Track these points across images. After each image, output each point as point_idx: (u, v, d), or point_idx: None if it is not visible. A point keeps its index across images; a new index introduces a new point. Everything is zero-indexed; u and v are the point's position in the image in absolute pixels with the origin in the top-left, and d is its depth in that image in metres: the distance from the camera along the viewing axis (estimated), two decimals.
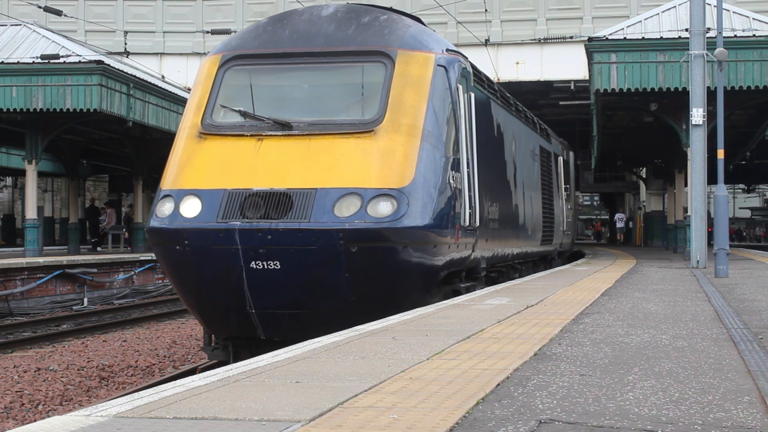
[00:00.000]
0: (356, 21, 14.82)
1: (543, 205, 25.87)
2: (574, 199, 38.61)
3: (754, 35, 27.40)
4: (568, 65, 41.50)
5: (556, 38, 43.43)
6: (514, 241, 21.08)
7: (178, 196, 13.46)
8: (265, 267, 13.02)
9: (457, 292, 15.61)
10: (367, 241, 12.84)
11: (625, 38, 28.67)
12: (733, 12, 29.15)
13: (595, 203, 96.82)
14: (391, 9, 16.03)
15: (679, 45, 26.41)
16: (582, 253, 38.34)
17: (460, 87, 15.24)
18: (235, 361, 11.83)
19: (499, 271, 20.37)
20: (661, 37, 28.06)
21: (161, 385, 6.77)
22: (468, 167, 15.28)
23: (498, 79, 34.61)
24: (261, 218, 12.97)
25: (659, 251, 40.25)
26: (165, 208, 13.49)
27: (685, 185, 31.14)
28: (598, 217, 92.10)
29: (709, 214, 25.11)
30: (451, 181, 14.32)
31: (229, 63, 14.71)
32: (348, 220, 12.75)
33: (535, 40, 43.65)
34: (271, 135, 13.76)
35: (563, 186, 31.33)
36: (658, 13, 31.35)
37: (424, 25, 16.24)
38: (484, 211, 16.66)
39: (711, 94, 23.85)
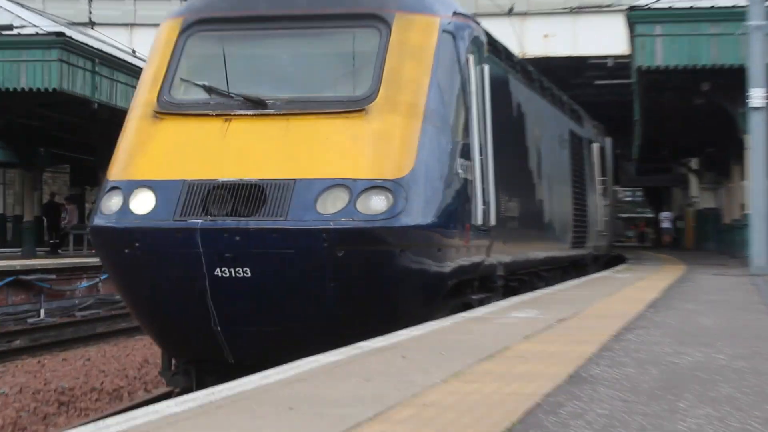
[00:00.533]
0: None
1: (574, 200, 25.50)
2: (613, 193, 38.47)
3: None
4: (605, 39, 41.66)
5: (591, 7, 43.55)
6: (538, 243, 20.68)
7: (128, 188, 12.86)
8: (233, 275, 12.37)
9: (467, 306, 14.92)
10: (357, 244, 12.28)
11: (671, 7, 28.68)
12: None
13: (638, 199, 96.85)
14: None
15: (735, 15, 26.41)
16: (623, 258, 38.34)
17: (471, 58, 14.71)
18: (199, 388, 11.03)
19: (521, 280, 19.59)
20: (714, 7, 28.04)
21: (131, 412, 6.74)
22: (481, 154, 14.75)
23: (523, 55, 34.60)
24: (228, 215, 12.39)
25: (713, 255, 40.28)
26: (112, 202, 12.87)
27: (743, 178, 31.13)
28: (642, 215, 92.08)
29: None
30: (460, 170, 13.85)
31: (191, 28, 14.15)
32: (333, 218, 12.17)
33: (567, 9, 43.76)
34: (241, 115, 13.21)
35: (599, 178, 30.81)
36: None
37: None
38: (501, 207, 16.13)
39: None
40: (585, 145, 28.55)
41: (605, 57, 41.95)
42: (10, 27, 31.24)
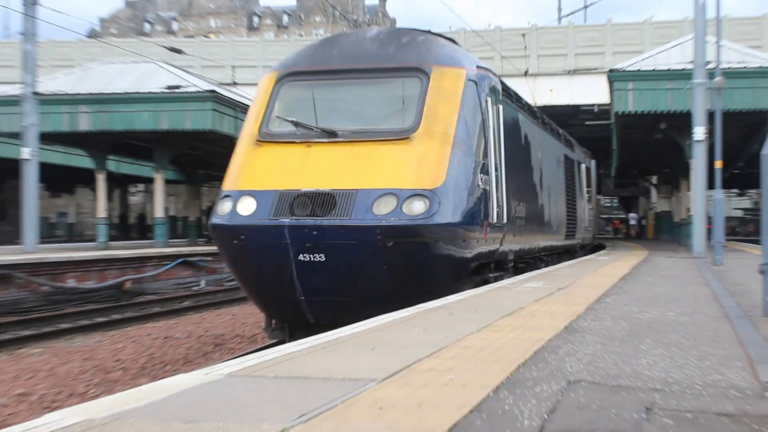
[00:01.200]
0: (397, 41, 13.82)
1: (567, 204, 24.64)
2: (596, 200, 37.80)
3: (745, 67, 27.16)
4: (592, 92, 41.37)
5: (583, 70, 43.38)
6: (539, 236, 19.72)
7: (236, 196, 12.54)
8: (312, 259, 12.00)
9: (486, 282, 14.49)
10: (402, 237, 11.75)
11: (639, 70, 28.50)
12: (729, 48, 28.80)
13: (614, 204, 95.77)
14: (428, 31, 14.77)
15: (684, 75, 26.15)
16: (603, 246, 37.96)
17: (489, 100, 14.14)
18: (291, 340, 10.80)
19: (527, 263, 18.98)
20: (669, 69, 27.85)
21: (264, 351, 6.85)
22: (496, 171, 14.21)
23: (535, 104, 34.33)
24: (308, 216, 11.92)
25: (667, 244, 39.79)
26: (225, 206, 12.56)
27: (689, 190, 30.85)
28: (617, 216, 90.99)
29: (708, 213, 24.83)
30: (480, 183, 13.24)
31: (284, 79, 13.73)
32: (385, 218, 11.69)
33: (565, 71, 43.63)
34: (318, 142, 12.68)
35: (585, 189, 30.17)
36: (667, 49, 31.29)
37: (457, 45, 15.02)
38: (511, 209, 15.45)
39: (711, 116, 23.66)
40: (576, 165, 27.72)
41: (593, 105, 41.56)
42: (178, 87, 31.45)
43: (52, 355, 15.88)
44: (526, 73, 39.52)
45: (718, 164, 22.64)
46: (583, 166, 29.82)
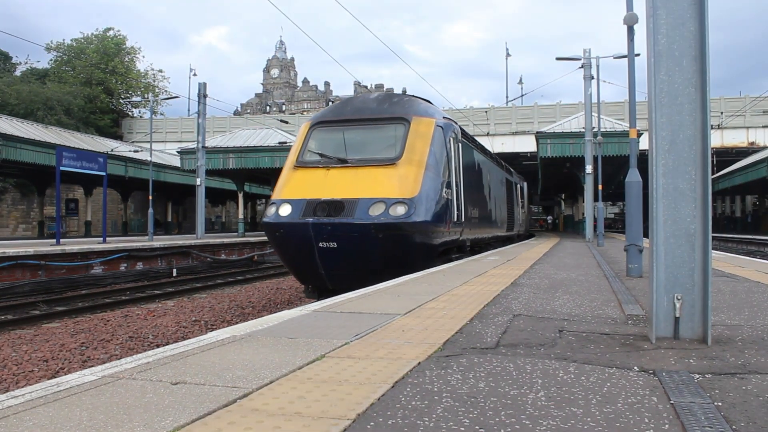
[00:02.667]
0: (389, 101, 12.72)
1: (507, 209, 23.42)
2: (528, 207, 37.30)
3: (614, 130, 27.09)
4: (527, 144, 41.29)
5: (521, 132, 43.19)
6: (489, 229, 18.16)
7: (279, 203, 11.35)
8: (328, 246, 10.88)
9: (450, 260, 13.16)
10: (389, 230, 10.66)
11: (554, 131, 28.28)
12: (604, 119, 28.84)
13: (540, 210, 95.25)
14: (411, 95, 13.31)
15: (579, 135, 25.98)
16: (533, 235, 37.68)
17: (451, 139, 12.96)
18: (320, 299, 9.35)
19: (482, 247, 17.66)
20: (571, 131, 27.66)
21: (334, 297, 6.78)
22: (456, 186, 13.00)
23: (493, 151, 34.10)
24: (326, 216, 10.81)
25: (570, 234, 39.35)
26: (271, 210, 11.37)
27: (583, 202, 30.55)
28: (541, 217, 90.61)
29: (594, 215, 24.63)
30: (444, 194, 12.06)
31: (314, 126, 12.52)
32: (377, 218, 10.62)
33: (511, 132, 43.49)
34: (335, 166, 11.51)
35: (520, 200, 29.63)
36: (569, 120, 31.18)
37: (431, 104, 13.69)
38: (468, 212, 14.22)
39: (596, 159, 23.50)
40: (514, 185, 26.69)
41: (527, 152, 41.36)
42: (285, 143, 31.45)
43: (212, 299, 15.94)
44: (488, 134, 39.39)
45: (600, 187, 22.46)
46: (519, 186, 29.36)
